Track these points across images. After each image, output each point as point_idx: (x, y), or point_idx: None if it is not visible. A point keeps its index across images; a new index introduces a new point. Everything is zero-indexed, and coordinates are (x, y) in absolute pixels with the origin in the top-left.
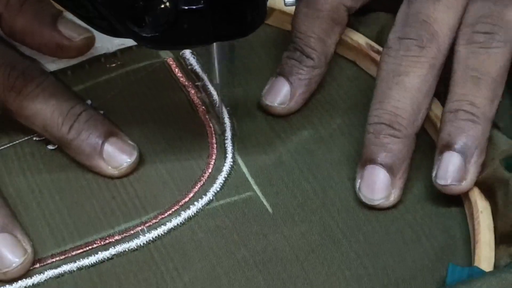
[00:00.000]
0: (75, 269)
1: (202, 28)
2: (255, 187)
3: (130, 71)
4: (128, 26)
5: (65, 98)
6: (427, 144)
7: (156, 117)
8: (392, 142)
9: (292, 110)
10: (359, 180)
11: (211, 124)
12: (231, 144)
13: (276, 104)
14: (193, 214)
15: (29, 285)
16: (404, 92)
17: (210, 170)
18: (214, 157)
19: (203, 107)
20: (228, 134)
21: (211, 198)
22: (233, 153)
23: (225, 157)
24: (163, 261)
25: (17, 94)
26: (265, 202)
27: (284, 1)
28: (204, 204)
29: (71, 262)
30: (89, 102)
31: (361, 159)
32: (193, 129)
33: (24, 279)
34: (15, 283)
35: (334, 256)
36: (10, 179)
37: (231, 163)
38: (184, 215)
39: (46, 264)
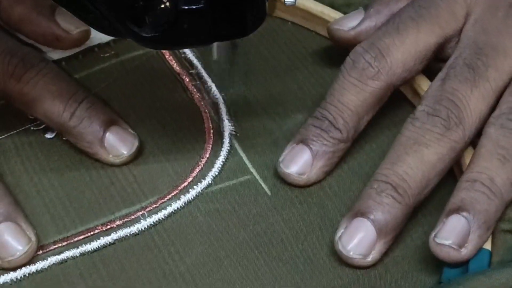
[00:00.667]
0: (78, 255)
1: (202, 28)
2: (252, 170)
3: (124, 61)
4: (128, 26)
5: (66, 85)
6: None
7: (152, 105)
8: (391, 205)
9: (310, 182)
10: (342, 230)
11: (206, 110)
12: (227, 129)
13: (294, 173)
14: (192, 198)
15: (33, 272)
16: (419, 162)
17: (207, 155)
18: (211, 142)
19: (198, 94)
20: (225, 119)
21: (209, 182)
22: (230, 138)
23: (222, 142)
24: (164, 245)
25: (17, 81)
26: (263, 185)
27: (284, 0)
28: (203, 188)
29: (73, 248)
30: None
31: (352, 210)
32: (189, 115)
33: (27, 266)
34: (19, 269)
35: (333, 236)
36: (9, 168)
37: (228, 148)
38: (184, 199)
39: (49, 250)
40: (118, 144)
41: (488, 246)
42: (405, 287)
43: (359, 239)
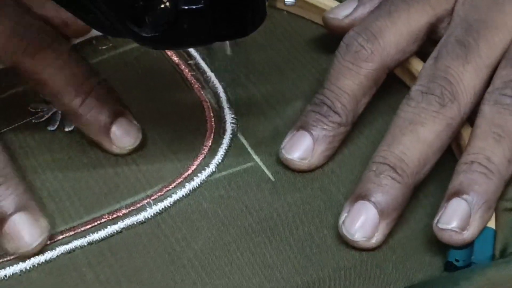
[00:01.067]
0: (85, 244)
1: (202, 28)
2: (255, 157)
3: (123, 53)
4: (128, 26)
5: (79, 69)
6: None
7: (152, 96)
8: (391, 185)
9: (313, 167)
10: (345, 214)
11: (207, 100)
12: (229, 118)
13: (295, 158)
14: (197, 185)
15: (42, 262)
16: (416, 141)
17: (210, 143)
18: (213, 130)
19: (198, 84)
20: (225, 107)
21: (213, 169)
22: (231, 126)
23: (224, 130)
24: (171, 232)
25: (30, 58)
26: (266, 171)
27: (284, 0)
28: (207, 176)
29: (81, 237)
30: None
31: (353, 194)
32: (190, 105)
33: (36, 256)
34: (27, 260)
35: (338, 221)
36: (13, 160)
37: (231, 136)
38: (189, 186)
39: (57, 240)
40: (123, 136)
41: (492, 224)
42: (411, 267)
43: (362, 222)
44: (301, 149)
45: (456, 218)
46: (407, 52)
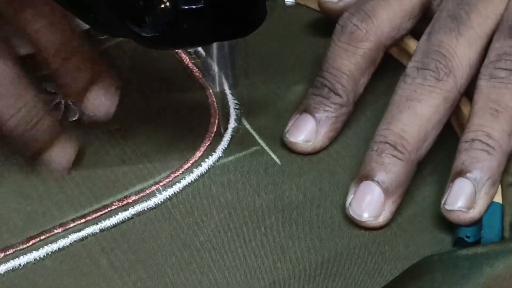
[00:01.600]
0: (97, 231)
1: (202, 28)
2: (260, 141)
3: (121, 43)
4: (128, 26)
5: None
6: None
7: (153, 83)
8: (393, 163)
9: (317, 149)
10: (351, 196)
11: (209, 86)
12: (232, 104)
13: (300, 141)
14: (205, 170)
15: (55, 250)
16: (414, 117)
17: (215, 129)
18: (217, 116)
19: (199, 71)
20: (228, 93)
21: (220, 154)
22: (235, 112)
23: (228, 116)
24: (182, 217)
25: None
26: (272, 155)
27: (284, 0)
28: (214, 161)
29: (93, 224)
30: None
31: (358, 175)
32: (192, 92)
33: (49, 244)
34: (41, 248)
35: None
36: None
37: (235, 121)
38: (197, 172)
39: (69, 228)
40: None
41: (498, 199)
42: (422, 243)
43: (367, 202)
44: (305, 131)
45: (461, 198)
46: (402, 29)
